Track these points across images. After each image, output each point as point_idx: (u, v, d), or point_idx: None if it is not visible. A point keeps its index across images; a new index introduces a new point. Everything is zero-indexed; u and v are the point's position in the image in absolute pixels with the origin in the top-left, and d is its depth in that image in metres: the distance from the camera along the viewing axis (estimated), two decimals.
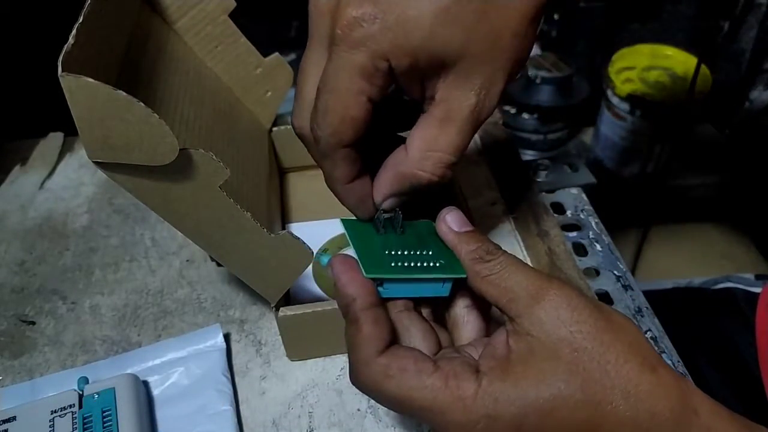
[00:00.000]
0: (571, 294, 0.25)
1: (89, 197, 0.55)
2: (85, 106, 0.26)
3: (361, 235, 0.30)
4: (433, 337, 0.29)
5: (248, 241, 0.34)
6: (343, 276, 0.27)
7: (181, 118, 0.37)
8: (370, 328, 0.26)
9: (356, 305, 0.27)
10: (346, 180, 0.30)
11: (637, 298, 0.45)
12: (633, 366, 0.24)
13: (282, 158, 0.53)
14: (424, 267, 0.28)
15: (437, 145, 0.29)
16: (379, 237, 0.31)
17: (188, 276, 0.47)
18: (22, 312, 0.45)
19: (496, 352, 0.26)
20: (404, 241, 0.30)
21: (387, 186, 0.30)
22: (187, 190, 0.31)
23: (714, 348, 0.55)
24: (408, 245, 0.30)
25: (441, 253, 0.29)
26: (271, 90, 0.49)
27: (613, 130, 1.15)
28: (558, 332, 0.24)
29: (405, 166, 0.29)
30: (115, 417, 0.34)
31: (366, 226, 0.31)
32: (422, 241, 0.30)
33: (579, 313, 0.25)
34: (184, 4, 0.44)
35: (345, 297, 0.27)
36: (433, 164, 0.29)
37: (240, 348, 0.42)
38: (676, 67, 1.14)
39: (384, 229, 0.31)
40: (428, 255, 0.29)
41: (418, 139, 0.29)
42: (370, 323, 0.26)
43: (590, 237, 0.50)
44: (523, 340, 0.25)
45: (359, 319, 0.26)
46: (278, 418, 0.38)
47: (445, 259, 0.29)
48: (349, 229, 0.31)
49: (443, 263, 0.29)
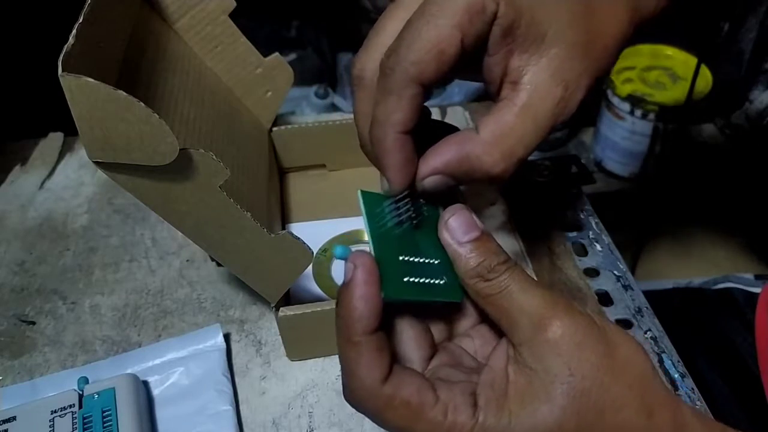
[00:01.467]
0: (576, 326, 0.24)
1: (89, 197, 0.55)
2: (85, 106, 0.26)
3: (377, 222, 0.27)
4: (426, 341, 0.28)
5: (248, 241, 0.34)
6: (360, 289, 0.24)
7: (181, 118, 0.37)
8: (373, 356, 0.24)
9: (360, 327, 0.24)
10: (403, 127, 0.26)
11: (637, 298, 0.45)
12: (629, 412, 0.23)
13: (282, 158, 0.53)
14: (430, 285, 0.27)
15: (513, 132, 0.26)
16: (394, 232, 0.28)
17: (188, 276, 0.47)
18: (22, 312, 0.45)
19: (495, 382, 0.25)
20: (418, 240, 0.28)
21: (442, 161, 0.27)
22: (187, 190, 0.31)
23: (714, 348, 0.55)
24: (421, 248, 0.27)
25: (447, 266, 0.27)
26: (271, 90, 0.49)
27: (613, 130, 1.15)
28: (557, 370, 0.23)
29: (472, 145, 0.27)
30: (115, 417, 0.34)
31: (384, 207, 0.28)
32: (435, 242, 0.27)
33: (582, 349, 0.24)
34: (184, 4, 0.44)
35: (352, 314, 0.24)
36: (502, 153, 0.26)
37: (240, 348, 0.42)
38: (676, 67, 1.14)
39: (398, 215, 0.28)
40: (437, 266, 0.27)
41: (493, 122, 0.27)
42: (374, 350, 0.24)
43: (590, 237, 0.50)
44: (523, 373, 0.24)
45: (361, 343, 0.24)
46: (278, 418, 0.38)
47: (448, 275, 0.27)
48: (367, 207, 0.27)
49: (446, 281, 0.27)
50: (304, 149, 0.53)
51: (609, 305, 0.44)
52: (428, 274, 0.27)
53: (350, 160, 0.55)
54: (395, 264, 0.26)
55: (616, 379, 0.23)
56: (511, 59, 0.27)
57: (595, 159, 1.22)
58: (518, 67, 0.27)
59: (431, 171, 0.27)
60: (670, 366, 0.40)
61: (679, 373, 0.40)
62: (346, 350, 0.25)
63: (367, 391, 0.24)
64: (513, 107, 0.27)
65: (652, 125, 1.10)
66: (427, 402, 0.24)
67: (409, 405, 0.24)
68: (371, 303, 0.24)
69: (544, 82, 0.26)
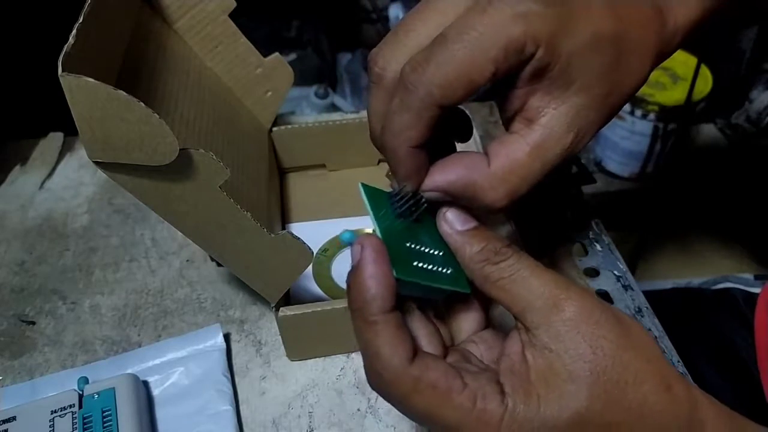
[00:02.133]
0: (592, 305, 0.24)
1: (89, 197, 0.55)
2: (85, 106, 0.26)
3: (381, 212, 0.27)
4: (439, 341, 0.28)
5: (248, 241, 0.34)
6: (371, 267, 0.24)
7: (181, 118, 0.37)
8: (395, 334, 0.24)
9: (375, 306, 0.24)
10: (417, 142, 0.26)
11: (637, 298, 0.45)
12: (650, 386, 0.24)
13: (282, 158, 0.53)
14: (438, 272, 0.27)
15: (521, 171, 0.27)
16: (398, 222, 0.28)
17: (188, 276, 0.47)
18: (22, 312, 0.45)
19: (515, 368, 0.24)
20: (420, 232, 0.28)
21: (446, 181, 0.27)
22: (187, 190, 0.31)
23: (713, 348, 0.55)
24: (423, 239, 0.28)
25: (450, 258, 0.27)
26: (271, 90, 0.49)
27: (613, 130, 1.15)
28: (578, 348, 0.23)
29: (481, 176, 0.26)
30: (115, 417, 0.34)
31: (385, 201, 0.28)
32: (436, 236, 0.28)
33: (600, 327, 0.24)
34: (184, 4, 0.44)
35: (366, 294, 0.24)
36: (507, 190, 0.27)
37: (240, 348, 0.42)
38: (676, 67, 1.14)
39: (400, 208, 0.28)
40: (441, 257, 0.27)
41: (504, 156, 0.27)
42: (394, 328, 0.24)
43: (590, 237, 0.50)
44: (542, 356, 0.24)
45: (378, 322, 0.24)
46: (278, 418, 0.38)
47: (453, 267, 0.27)
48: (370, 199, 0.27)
49: (452, 272, 0.27)
50: (304, 149, 0.53)
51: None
52: (434, 262, 0.27)
53: (350, 160, 0.55)
54: (404, 249, 0.26)
55: (635, 356, 0.24)
56: (533, 97, 0.27)
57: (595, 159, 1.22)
58: (538, 107, 0.26)
59: (434, 187, 0.27)
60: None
61: (679, 373, 0.40)
62: (364, 333, 0.24)
63: (392, 372, 0.24)
64: (525, 146, 0.27)
65: (652, 125, 1.10)
66: (455, 387, 0.24)
67: (436, 389, 0.23)
68: (384, 280, 0.24)
69: (559, 128, 0.26)
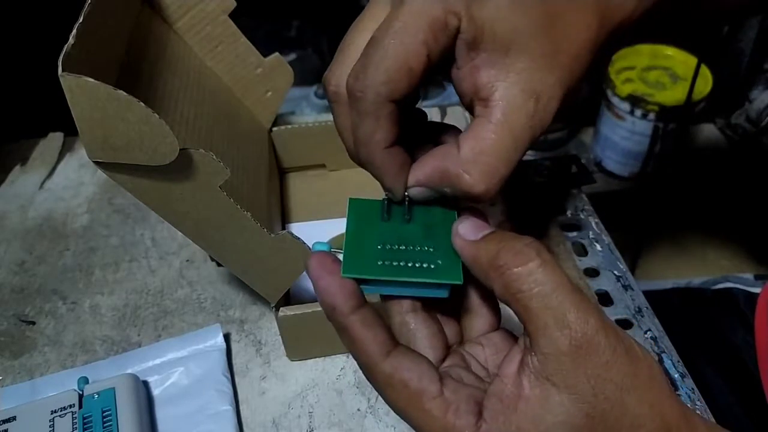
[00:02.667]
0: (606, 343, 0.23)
1: (89, 197, 0.55)
2: (85, 106, 0.26)
3: (362, 220, 0.28)
4: (441, 342, 0.27)
5: (248, 241, 0.34)
6: (321, 282, 0.25)
7: (181, 118, 0.37)
8: (363, 333, 0.25)
9: (338, 313, 0.25)
10: (387, 143, 0.26)
11: (637, 298, 0.45)
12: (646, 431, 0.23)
13: (282, 158, 0.53)
14: (416, 268, 0.26)
15: (492, 149, 0.26)
16: (381, 225, 0.28)
17: (188, 276, 0.47)
18: (22, 312, 0.45)
19: (504, 392, 0.24)
20: (408, 232, 0.28)
21: (424, 175, 0.27)
22: (187, 190, 0.31)
23: (713, 348, 0.55)
24: (410, 238, 0.27)
25: (442, 252, 0.27)
26: (271, 90, 0.49)
27: (613, 130, 1.15)
28: (580, 388, 0.22)
29: (452, 162, 0.26)
30: (115, 417, 0.34)
31: (373, 210, 0.29)
32: (428, 234, 0.28)
33: (608, 369, 0.22)
34: (184, 4, 0.44)
35: (325, 305, 0.25)
36: (481, 171, 0.26)
37: (240, 348, 0.42)
38: (676, 67, 1.14)
39: (388, 215, 0.28)
40: (427, 252, 0.27)
41: (472, 138, 0.26)
42: (361, 327, 0.25)
43: (590, 237, 0.50)
44: (540, 385, 0.23)
45: (347, 327, 0.25)
46: (278, 418, 0.38)
47: (444, 259, 0.27)
48: (353, 211, 0.28)
49: (440, 264, 0.26)
50: (304, 149, 0.53)
51: (609, 305, 0.44)
52: (416, 258, 0.26)
53: (350, 160, 0.54)
54: (370, 251, 0.27)
55: (639, 399, 0.23)
56: (479, 75, 0.26)
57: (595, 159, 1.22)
58: (487, 83, 0.26)
59: (415, 182, 0.27)
60: (670, 366, 0.40)
61: (679, 373, 0.40)
62: (341, 337, 0.25)
63: (366, 367, 0.25)
64: (488, 124, 0.26)
65: (652, 125, 1.10)
66: (429, 391, 0.24)
67: (407, 387, 0.24)
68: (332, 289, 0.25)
69: (515, 97, 0.26)
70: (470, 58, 0.26)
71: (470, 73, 0.26)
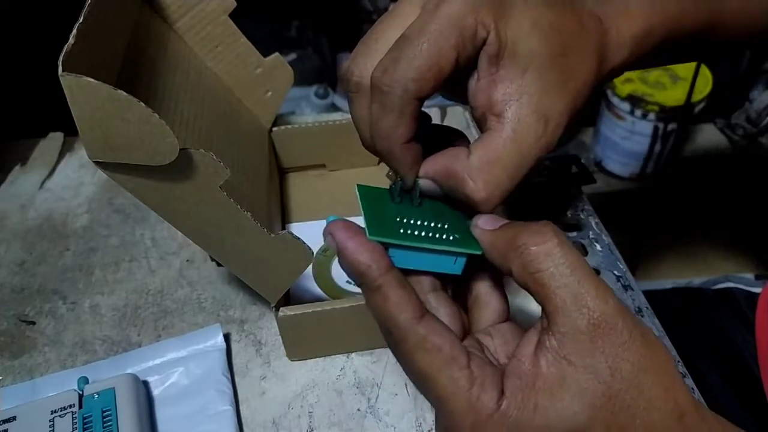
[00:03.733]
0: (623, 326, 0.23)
1: (89, 197, 0.55)
2: (85, 106, 0.26)
3: (374, 201, 0.28)
4: (460, 322, 0.28)
5: (248, 241, 0.34)
6: (350, 243, 0.25)
7: (181, 118, 0.37)
8: (399, 292, 0.24)
9: (373, 271, 0.24)
10: (407, 138, 0.27)
11: (637, 298, 0.45)
12: (661, 414, 0.23)
13: (282, 158, 0.53)
14: (436, 238, 0.27)
15: (499, 161, 0.27)
16: (393, 205, 0.29)
17: (188, 276, 0.47)
18: (22, 312, 0.45)
19: (522, 370, 0.24)
20: (420, 211, 0.28)
21: (434, 170, 0.28)
22: (187, 190, 0.31)
23: (714, 348, 0.54)
24: (424, 216, 0.28)
25: (457, 227, 0.28)
26: (271, 90, 0.49)
27: (613, 130, 1.15)
28: (598, 367, 0.23)
29: (460, 165, 0.27)
30: (115, 417, 0.34)
31: (382, 195, 0.29)
32: (440, 214, 0.28)
33: (626, 349, 0.23)
34: (184, 4, 0.44)
35: (358, 265, 0.25)
36: (485, 180, 0.27)
37: (240, 348, 0.42)
38: (676, 67, 1.14)
39: (400, 197, 0.29)
40: (443, 228, 0.28)
41: (482, 147, 0.27)
42: (396, 287, 0.24)
43: (590, 237, 0.50)
44: (557, 365, 0.23)
45: (382, 285, 0.24)
46: (278, 418, 0.38)
47: (461, 233, 0.27)
48: (363, 195, 0.29)
49: (458, 237, 0.27)
50: (304, 149, 0.53)
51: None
52: (434, 231, 0.27)
53: (350, 160, 0.55)
54: (390, 221, 0.27)
55: (653, 381, 0.23)
56: (495, 90, 0.28)
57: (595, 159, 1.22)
58: (502, 100, 0.28)
59: (424, 174, 0.29)
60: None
61: (680, 373, 0.40)
62: (373, 300, 0.25)
63: (400, 329, 0.24)
64: (500, 139, 0.27)
65: (652, 125, 1.10)
66: (459, 360, 0.24)
67: (441, 351, 0.24)
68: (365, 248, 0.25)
69: (526, 117, 0.27)
70: (490, 72, 0.28)
71: (487, 86, 0.28)
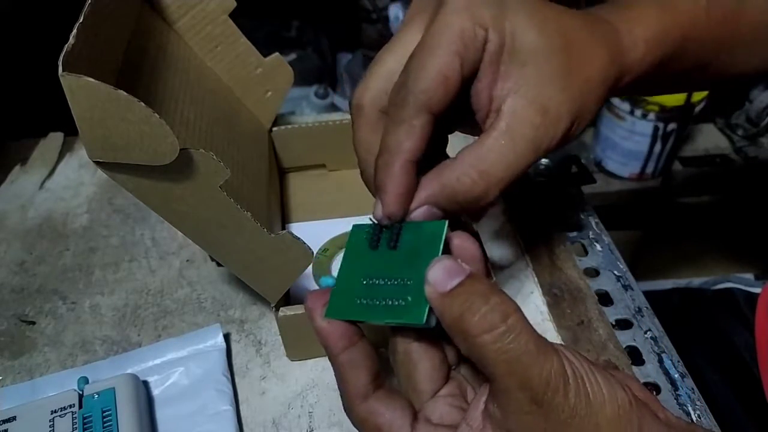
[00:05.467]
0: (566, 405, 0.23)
1: (89, 197, 0.55)
2: (85, 106, 0.26)
3: (355, 250, 0.29)
4: (440, 373, 0.28)
5: (248, 241, 0.34)
6: (313, 324, 0.27)
7: (181, 118, 0.37)
8: (347, 374, 0.26)
9: (328, 352, 0.27)
10: (412, 156, 0.27)
11: (637, 298, 0.45)
12: None
13: (282, 158, 0.53)
14: (389, 307, 0.26)
15: (491, 154, 0.27)
16: (368, 255, 0.28)
17: (188, 276, 0.47)
18: (22, 312, 0.45)
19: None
20: (391, 261, 0.27)
21: (425, 191, 0.28)
22: (187, 190, 0.31)
23: (714, 348, 0.55)
24: (391, 269, 0.27)
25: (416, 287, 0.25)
26: (271, 90, 0.49)
27: (613, 130, 1.15)
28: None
29: (449, 170, 0.28)
30: (115, 417, 0.34)
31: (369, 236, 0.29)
32: (411, 262, 0.26)
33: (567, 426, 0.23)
34: (184, 4, 0.44)
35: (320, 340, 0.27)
36: (479, 172, 0.27)
37: (240, 348, 0.42)
38: None
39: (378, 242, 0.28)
40: (403, 287, 0.26)
41: (473, 146, 0.28)
42: (346, 369, 0.26)
43: (590, 237, 0.50)
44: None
45: (335, 363, 0.27)
46: (278, 418, 0.38)
47: (415, 295, 0.25)
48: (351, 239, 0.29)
49: (410, 302, 0.25)
50: (304, 149, 0.53)
51: (609, 305, 0.44)
52: (392, 294, 0.26)
53: (350, 160, 0.54)
54: (354, 287, 0.27)
55: None
56: (495, 87, 0.28)
57: (595, 159, 1.22)
58: (500, 95, 0.28)
59: (418, 203, 0.28)
60: (670, 366, 0.40)
61: (679, 373, 0.40)
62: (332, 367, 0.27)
63: (345, 404, 0.27)
64: (493, 132, 0.28)
65: (652, 125, 1.10)
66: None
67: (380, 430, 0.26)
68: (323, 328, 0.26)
69: (522, 108, 0.28)
70: (491, 71, 0.28)
71: (488, 86, 0.28)
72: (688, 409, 0.38)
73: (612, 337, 0.42)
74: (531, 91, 0.28)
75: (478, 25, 0.27)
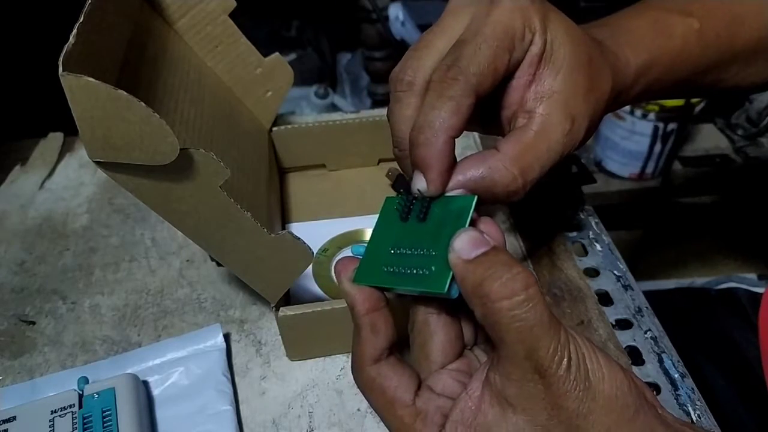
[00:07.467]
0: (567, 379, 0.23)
1: (89, 197, 0.55)
2: (85, 106, 0.26)
3: (385, 220, 0.30)
4: (453, 348, 0.28)
5: (248, 241, 0.34)
6: (341, 286, 0.28)
7: (181, 117, 0.37)
8: (366, 336, 0.27)
9: (354, 313, 0.28)
10: (456, 132, 0.28)
11: (637, 298, 0.45)
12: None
13: (282, 158, 0.53)
14: (412, 275, 0.27)
15: (531, 151, 0.29)
16: (398, 227, 0.29)
17: (188, 276, 0.47)
18: (22, 312, 0.45)
19: (467, 404, 0.25)
20: (419, 232, 0.28)
21: (464, 177, 0.29)
22: (187, 190, 0.31)
23: (717, 348, 0.54)
24: (418, 240, 0.28)
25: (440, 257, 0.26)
26: (271, 90, 0.49)
27: (613, 130, 1.15)
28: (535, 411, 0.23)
29: (494, 160, 0.29)
30: (115, 417, 0.34)
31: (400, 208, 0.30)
32: (437, 233, 0.27)
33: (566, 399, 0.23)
34: (184, 4, 0.44)
35: (346, 301, 0.28)
36: (521, 168, 0.29)
37: (240, 348, 0.42)
38: None
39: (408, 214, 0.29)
40: (429, 257, 0.27)
41: (514, 141, 0.29)
42: (367, 330, 0.27)
43: (590, 237, 0.50)
44: (498, 404, 0.24)
45: (358, 324, 0.27)
46: (278, 418, 0.38)
47: (438, 265, 0.26)
48: (383, 210, 0.31)
49: (433, 271, 0.26)
50: (304, 149, 0.53)
51: (609, 305, 0.44)
52: (417, 264, 0.27)
53: (350, 160, 0.55)
54: (382, 256, 0.29)
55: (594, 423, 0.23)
56: (529, 89, 0.30)
57: (595, 159, 1.22)
58: (534, 98, 0.30)
59: (455, 185, 0.29)
60: (670, 366, 0.40)
61: (679, 373, 0.40)
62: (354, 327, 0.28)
63: (355, 367, 0.28)
64: (530, 131, 0.29)
65: (652, 125, 1.10)
66: (402, 400, 0.26)
67: (384, 394, 0.27)
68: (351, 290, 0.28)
69: (556, 114, 0.30)
70: (529, 73, 0.30)
71: (523, 85, 0.30)
72: (688, 409, 0.38)
73: (612, 337, 0.42)
74: (563, 100, 0.30)
75: (528, 28, 0.29)
